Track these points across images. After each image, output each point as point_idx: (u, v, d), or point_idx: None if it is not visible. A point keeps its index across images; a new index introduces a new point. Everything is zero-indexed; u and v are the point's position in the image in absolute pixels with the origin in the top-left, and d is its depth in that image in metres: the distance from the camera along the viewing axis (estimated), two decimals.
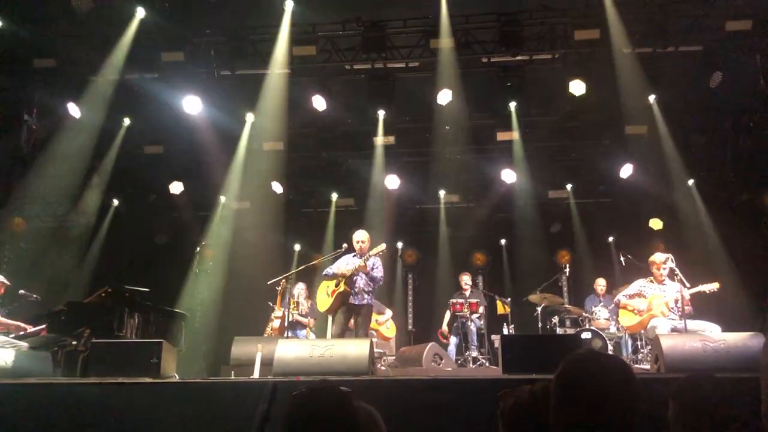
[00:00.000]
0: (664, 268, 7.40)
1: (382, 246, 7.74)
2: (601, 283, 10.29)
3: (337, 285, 7.63)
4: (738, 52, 9.86)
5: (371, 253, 7.60)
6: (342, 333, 7.58)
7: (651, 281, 7.56)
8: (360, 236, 7.75)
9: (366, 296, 7.62)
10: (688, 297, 7.08)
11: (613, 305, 8.72)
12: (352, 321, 7.68)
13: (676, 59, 9.97)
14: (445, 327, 10.33)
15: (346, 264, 7.72)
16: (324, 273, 7.85)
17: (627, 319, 7.66)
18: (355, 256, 7.77)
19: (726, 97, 10.13)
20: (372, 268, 7.59)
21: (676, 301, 7.14)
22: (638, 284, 7.66)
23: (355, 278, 7.58)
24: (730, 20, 9.20)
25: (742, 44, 9.79)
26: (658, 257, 7.56)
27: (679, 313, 7.05)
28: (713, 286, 7.15)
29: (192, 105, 10.37)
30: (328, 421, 1.88)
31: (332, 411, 1.90)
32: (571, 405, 1.67)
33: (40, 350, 7.45)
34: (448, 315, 10.31)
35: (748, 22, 9.21)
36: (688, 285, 7.05)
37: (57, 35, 10.11)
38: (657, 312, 7.24)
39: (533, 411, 2.10)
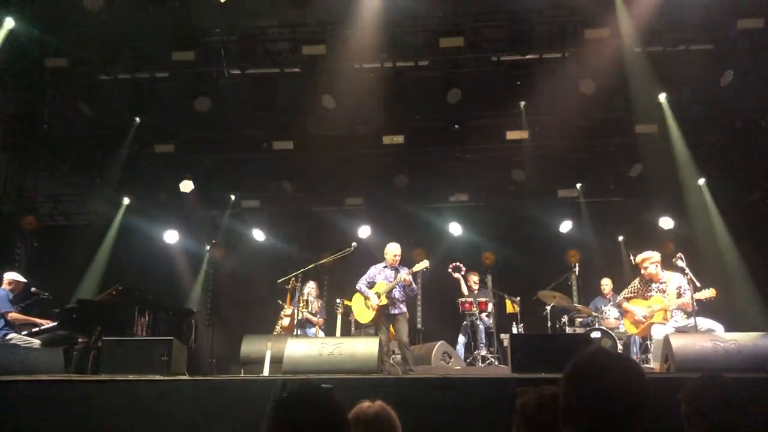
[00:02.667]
0: (644, 267, 7.34)
1: (426, 263, 8.14)
2: (606, 283, 10.25)
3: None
4: (749, 50, 9.79)
5: (415, 269, 8.02)
6: (386, 342, 7.88)
7: (648, 280, 7.43)
8: (395, 250, 8.16)
9: (401, 305, 8.04)
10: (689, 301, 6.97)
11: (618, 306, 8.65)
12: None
13: (686, 57, 9.91)
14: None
15: (376, 274, 8.13)
16: (358, 288, 8.19)
17: (630, 326, 7.56)
18: (386, 267, 8.15)
19: (737, 96, 10.06)
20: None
21: (679, 306, 7.05)
22: (635, 284, 7.54)
23: (392, 290, 7.95)
24: (742, 18, 9.14)
25: (754, 42, 9.73)
26: (640, 256, 7.46)
27: (683, 314, 7.01)
28: (709, 293, 6.89)
29: (202, 104, 10.37)
30: (313, 419, 1.85)
31: (316, 409, 1.87)
32: (580, 404, 1.66)
33: (51, 348, 7.52)
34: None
35: (760, 20, 9.13)
36: (699, 284, 6.94)
37: (68, 35, 10.16)
38: (658, 318, 7.13)
39: (540, 418, 2.10)
